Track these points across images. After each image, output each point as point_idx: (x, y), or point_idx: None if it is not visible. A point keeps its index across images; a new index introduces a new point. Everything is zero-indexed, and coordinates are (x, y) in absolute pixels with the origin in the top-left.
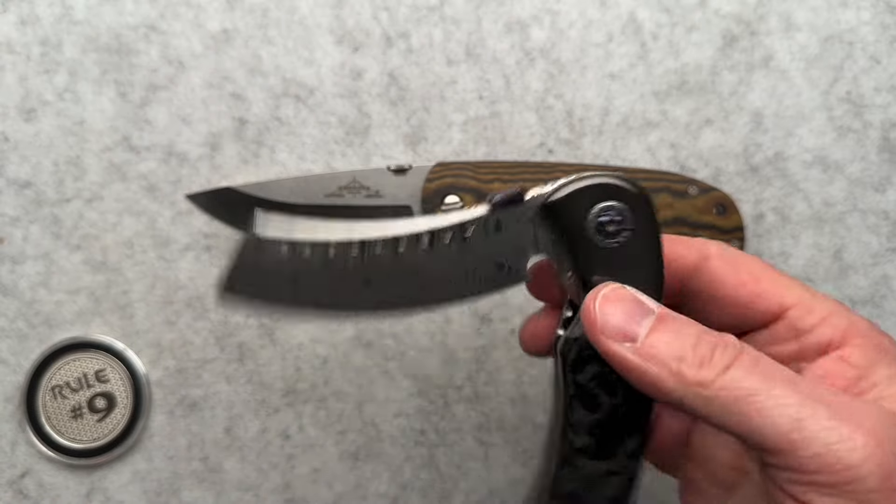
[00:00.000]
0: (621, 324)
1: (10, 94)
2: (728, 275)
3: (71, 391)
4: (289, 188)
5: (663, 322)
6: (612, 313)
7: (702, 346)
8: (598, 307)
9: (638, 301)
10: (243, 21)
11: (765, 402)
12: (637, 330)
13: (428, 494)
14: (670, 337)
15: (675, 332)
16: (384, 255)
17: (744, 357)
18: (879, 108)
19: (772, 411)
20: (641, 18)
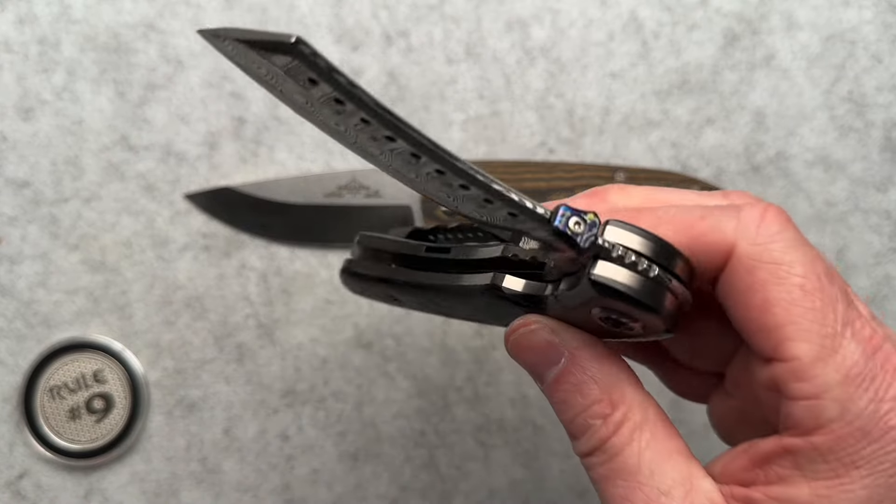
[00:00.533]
0: (528, 366)
1: (8, 94)
2: (740, 287)
3: (69, 392)
4: (288, 188)
5: (564, 377)
6: (522, 356)
7: (580, 420)
8: (510, 350)
9: (549, 346)
10: (242, 20)
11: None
12: (541, 376)
13: (428, 495)
14: (561, 396)
15: (565, 394)
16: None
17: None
18: (881, 108)
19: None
20: (642, 17)
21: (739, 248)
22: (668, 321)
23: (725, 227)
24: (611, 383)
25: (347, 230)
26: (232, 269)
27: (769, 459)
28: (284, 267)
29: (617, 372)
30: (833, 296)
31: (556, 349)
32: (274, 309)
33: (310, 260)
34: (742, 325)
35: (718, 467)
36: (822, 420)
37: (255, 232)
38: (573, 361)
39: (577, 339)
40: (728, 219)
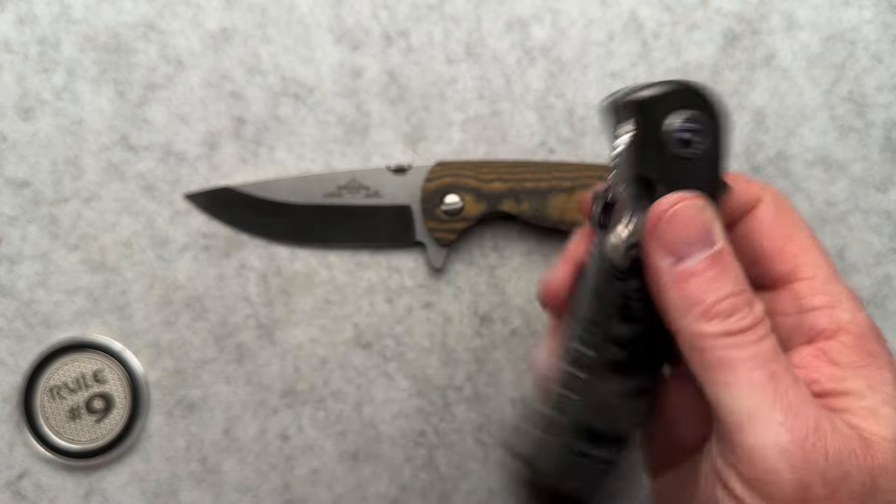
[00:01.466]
0: (676, 242)
1: (8, 94)
2: (766, 222)
3: (69, 392)
4: (288, 188)
5: (714, 261)
6: (675, 229)
7: (725, 303)
8: (666, 217)
9: (706, 229)
10: (242, 20)
11: (737, 380)
12: (686, 254)
13: (428, 495)
14: (709, 277)
15: (715, 276)
16: None
17: (749, 333)
18: (882, 108)
19: (738, 391)
20: (643, 17)
21: (767, 197)
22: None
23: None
24: (746, 281)
25: (347, 230)
26: (232, 269)
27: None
28: (284, 267)
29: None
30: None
31: (716, 233)
32: (274, 309)
33: (310, 260)
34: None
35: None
36: (841, 323)
37: (255, 232)
38: (727, 249)
39: (725, 235)
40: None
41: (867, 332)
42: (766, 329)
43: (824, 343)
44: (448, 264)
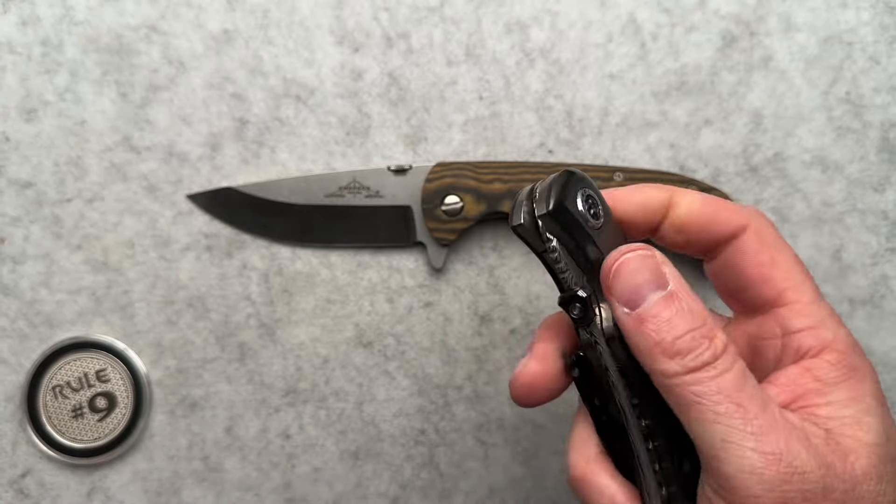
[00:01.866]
0: (627, 291)
1: (11, 95)
2: (750, 250)
3: (72, 391)
4: (289, 188)
5: (668, 302)
6: (623, 279)
7: (683, 340)
8: (613, 270)
9: (654, 274)
10: (244, 21)
11: (706, 415)
12: (640, 300)
13: (428, 494)
14: (665, 318)
15: (670, 316)
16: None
17: (710, 368)
18: (879, 109)
19: (708, 425)
20: (641, 19)
21: (752, 224)
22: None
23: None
24: (706, 316)
25: (348, 230)
26: (234, 269)
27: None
28: (286, 267)
29: (707, 312)
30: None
31: (665, 275)
32: (275, 308)
33: (311, 260)
34: (749, 279)
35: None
36: (825, 342)
37: (257, 232)
38: (680, 288)
39: (678, 275)
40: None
41: (848, 348)
42: (728, 360)
43: (809, 361)
44: (448, 264)
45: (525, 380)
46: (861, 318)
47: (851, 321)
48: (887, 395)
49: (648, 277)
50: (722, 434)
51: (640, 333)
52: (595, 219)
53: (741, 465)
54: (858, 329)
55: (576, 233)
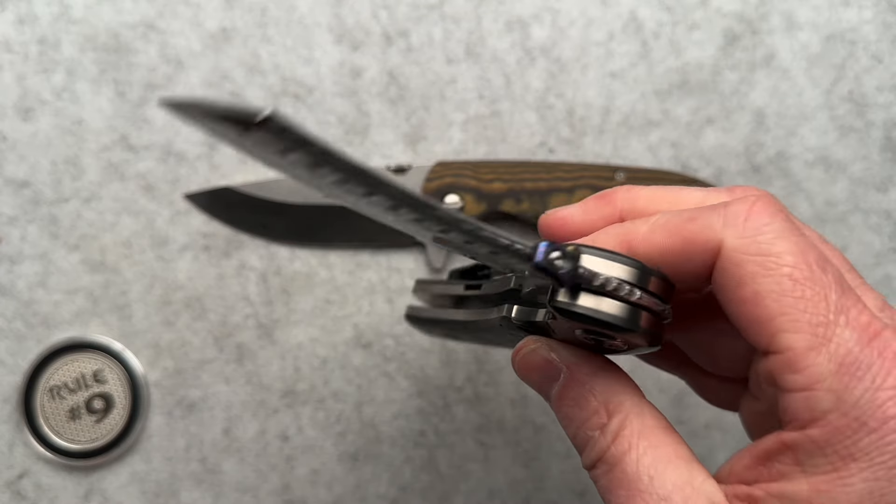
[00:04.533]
0: (536, 388)
1: (8, 94)
2: (731, 283)
3: (69, 392)
4: (288, 188)
5: (563, 394)
6: (527, 379)
7: (578, 436)
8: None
9: (542, 369)
10: (242, 20)
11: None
12: (548, 394)
13: (428, 496)
14: (565, 413)
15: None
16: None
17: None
18: (882, 108)
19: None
20: (642, 17)
21: (727, 242)
22: (646, 337)
23: (714, 224)
24: (608, 394)
25: (347, 230)
26: (232, 269)
27: (770, 456)
28: (284, 267)
29: (614, 383)
30: (825, 283)
31: (554, 366)
32: (274, 309)
33: (309, 260)
34: (737, 321)
35: (727, 468)
36: (817, 412)
37: (255, 232)
38: (571, 376)
39: (574, 354)
40: (716, 216)
41: (850, 425)
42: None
43: (790, 435)
44: (448, 264)
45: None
46: None
47: None
48: None
49: (540, 374)
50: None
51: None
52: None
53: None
54: None
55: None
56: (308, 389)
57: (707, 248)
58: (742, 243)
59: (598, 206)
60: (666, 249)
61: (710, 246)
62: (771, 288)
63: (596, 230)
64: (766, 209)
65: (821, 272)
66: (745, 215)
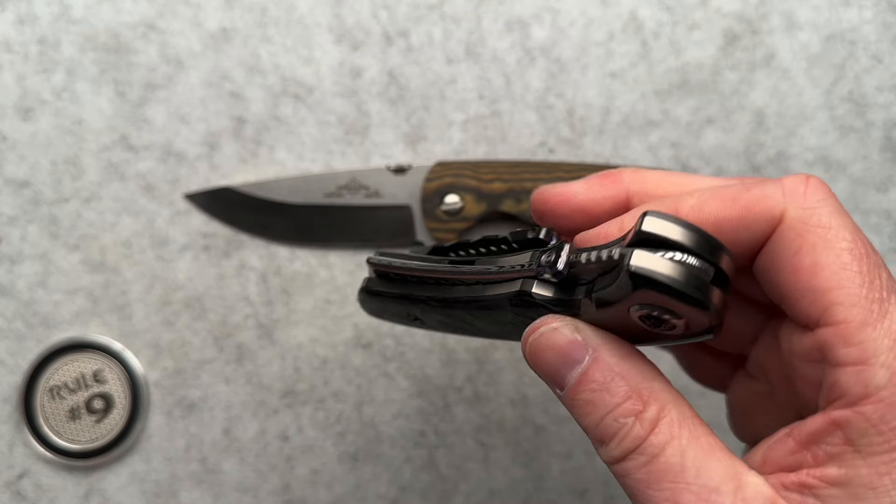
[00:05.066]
0: (548, 374)
1: (8, 94)
2: (788, 250)
3: (69, 392)
4: (288, 188)
5: (583, 382)
6: (539, 363)
7: (607, 423)
8: (528, 354)
9: (565, 351)
10: (242, 20)
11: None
12: (563, 382)
13: (428, 496)
14: (585, 400)
15: (589, 398)
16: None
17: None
18: (882, 108)
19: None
20: (642, 17)
21: (789, 212)
22: (714, 317)
23: (773, 194)
24: (639, 380)
25: (347, 230)
26: (232, 269)
27: (817, 438)
28: (284, 267)
29: (644, 368)
30: (878, 263)
31: (580, 346)
32: (274, 309)
33: (309, 260)
34: (788, 291)
35: (759, 458)
36: (870, 387)
37: (255, 232)
38: (599, 359)
39: (601, 335)
40: (774, 187)
41: None
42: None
43: (842, 413)
44: None
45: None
46: None
47: None
48: None
49: (561, 356)
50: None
51: (574, 416)
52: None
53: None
54: None
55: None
56: (308, 389)
57: (768, 216)
58: (804, 213)
59: (604, 185)
60: (722, 219)
61: (772, 214)
62: (831, 260)
63: (602, 210)
64: (821, 186)
65: (872, 251)
66: (804, 188)
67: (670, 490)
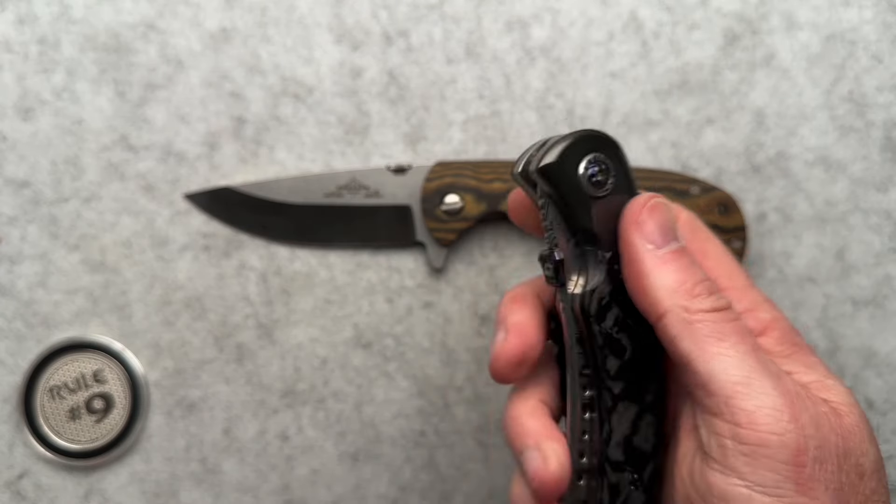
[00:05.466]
0: (655, 231)
1: (8, 94)
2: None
3: (69, 392)
4: (288, 188)
5: (683, 252)
6: (654, 219)
7: (704, 284)
8: (647, 208)
9: (672, 225)
10: (242, 20)
11: (728, 350)
12: (663, 243)
13: (428, 496)
14: (684, 263)
15: (688, 263)
16: None
17: (729, 311)
18: (882, 108)
19: (732, 360)
20: (642, 17)
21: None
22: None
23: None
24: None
25: (347, 230)
26: (232, 269)
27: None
28: (284, 267)
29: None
30: None
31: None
32: (274, 309)
33: (309, 260)
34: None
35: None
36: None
37: (255, 232)
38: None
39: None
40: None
41: (788, 327)
42: (736, 310)
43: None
44: (448, 264)
45: (509, 356)
46: (864, 319)
47: (854, 322)
48: (890, 396)
49: (670, 225)
50: (744, 370)
51: (663, 271)
52: (596, 187)
53: (763, 402)
54: (861, 330)
55: (568, 196)
56: (308, 389)
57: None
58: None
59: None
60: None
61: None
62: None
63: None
64: None
65: None
66: None
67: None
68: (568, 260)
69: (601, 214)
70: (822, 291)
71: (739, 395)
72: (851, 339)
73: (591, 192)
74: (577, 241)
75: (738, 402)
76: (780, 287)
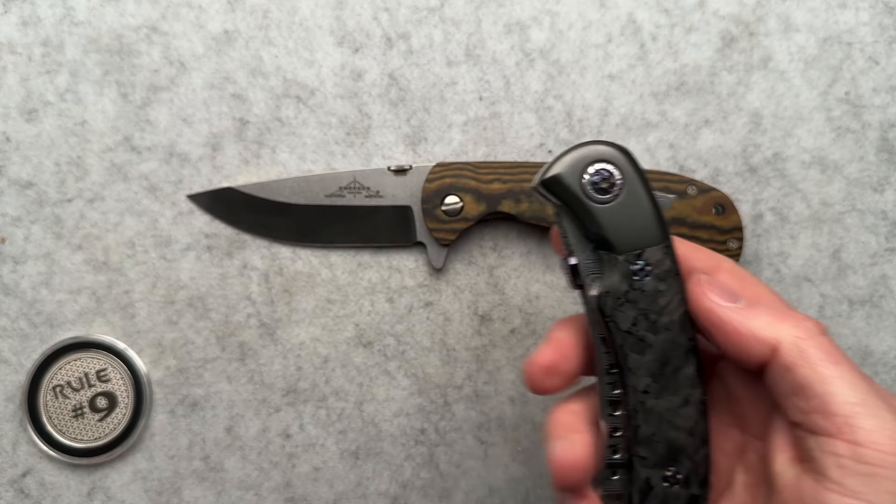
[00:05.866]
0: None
1: (12, 95)
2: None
3: (72, 391)
4: (289, 188)
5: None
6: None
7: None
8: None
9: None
10: (244, 22)
11: (844, 373)
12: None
13: (428, 493)
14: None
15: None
16: None
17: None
18: (878, 109)
19: (845, 382)
20: (640, 20)
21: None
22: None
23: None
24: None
25: (348, 230)
26: (234, 269)
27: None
28: (286, 267)
29: None
30: None
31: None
32: (276, 308)
33: (311, 260)
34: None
35: None
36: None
37: (257, 232)
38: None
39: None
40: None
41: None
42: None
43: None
44: (448, 264)
45: (541, 363)
46: (860, 318)
47: (850, 321)
48: None
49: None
50: (860, 392)
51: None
52: (601, 194)
53: (880, 424)
54: (858, 329)
55: (574, 205)
56: (309, 388)
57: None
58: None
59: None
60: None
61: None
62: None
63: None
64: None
65: None
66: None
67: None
68: (584, 264)
69: (612, 219)
70: (818, 291)
71: (859, 416)
72: (848, 339)
73: (597, 199)
74: (591, 246)
75: (858, 422)
76: (776, 287)
